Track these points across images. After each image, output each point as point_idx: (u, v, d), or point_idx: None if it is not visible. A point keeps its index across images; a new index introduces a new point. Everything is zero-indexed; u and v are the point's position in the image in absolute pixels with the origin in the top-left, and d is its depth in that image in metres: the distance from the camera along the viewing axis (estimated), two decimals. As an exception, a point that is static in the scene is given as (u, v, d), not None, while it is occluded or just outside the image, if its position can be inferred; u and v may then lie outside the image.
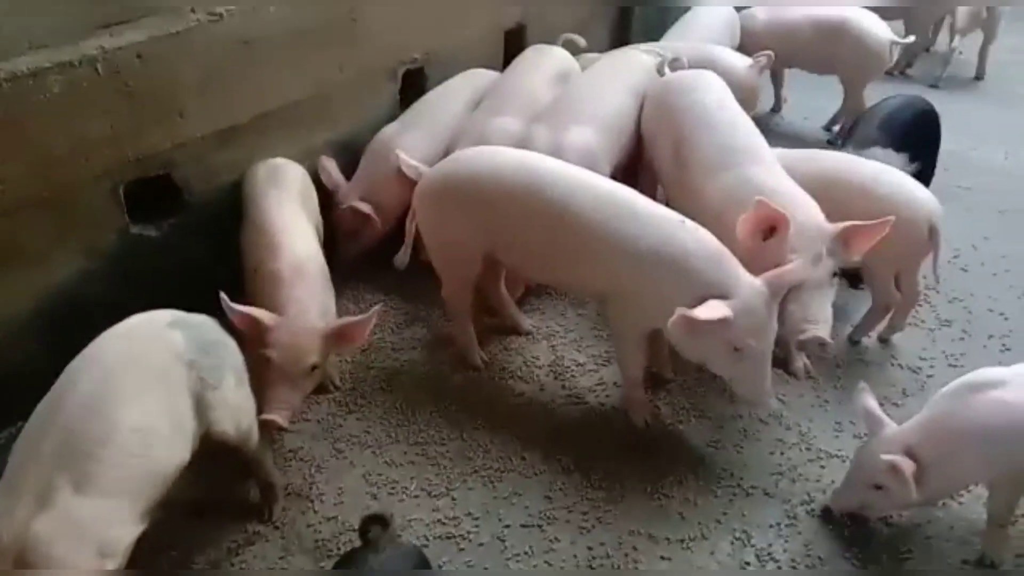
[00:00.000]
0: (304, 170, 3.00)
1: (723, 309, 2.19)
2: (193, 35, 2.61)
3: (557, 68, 3.59)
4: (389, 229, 3.20)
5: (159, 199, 2.75)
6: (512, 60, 3.70)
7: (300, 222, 2.73)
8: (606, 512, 2.37)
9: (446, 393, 2.78)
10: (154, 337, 1.93)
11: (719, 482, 2.47)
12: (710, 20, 4.44)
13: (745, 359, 2.29)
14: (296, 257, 2.51)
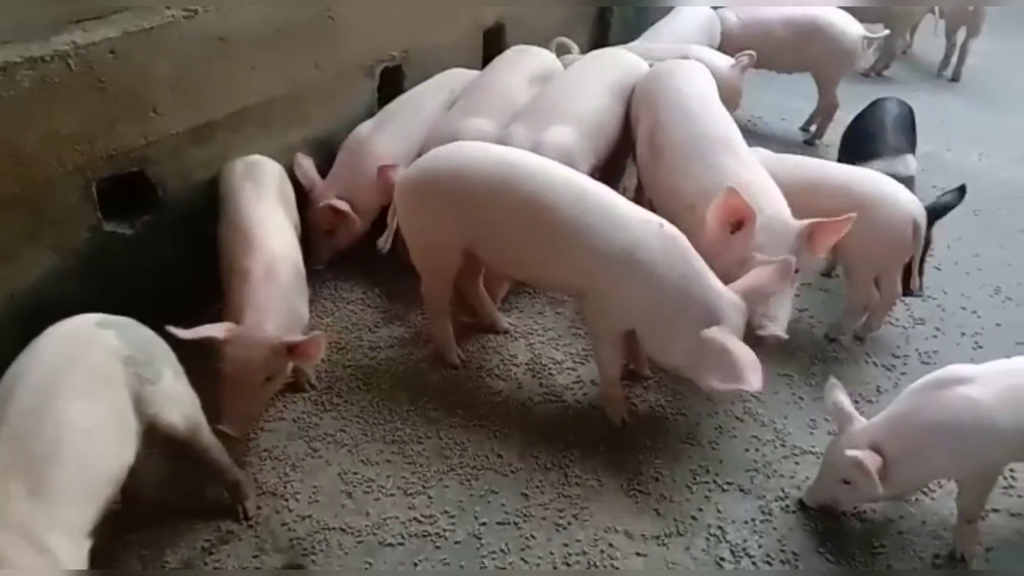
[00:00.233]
0: (282, 167, 2.98)
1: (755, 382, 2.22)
2: (168, 31, 2.58)
3: (537, 68, 3.53)
4: (364, 230, 3.18)
5: (133, 197, 2.73)
6: (491, 59, 3.67)
7: (277, 218, 2.71)
8: (582, 509, 2.37)
9: (423, 391, 2.78)
10: (89, 337, 1.89)
11: (695, 479, 2.49)
12: (691, 20, 4.47)
13: None
14: (269, 256, 2.49)
